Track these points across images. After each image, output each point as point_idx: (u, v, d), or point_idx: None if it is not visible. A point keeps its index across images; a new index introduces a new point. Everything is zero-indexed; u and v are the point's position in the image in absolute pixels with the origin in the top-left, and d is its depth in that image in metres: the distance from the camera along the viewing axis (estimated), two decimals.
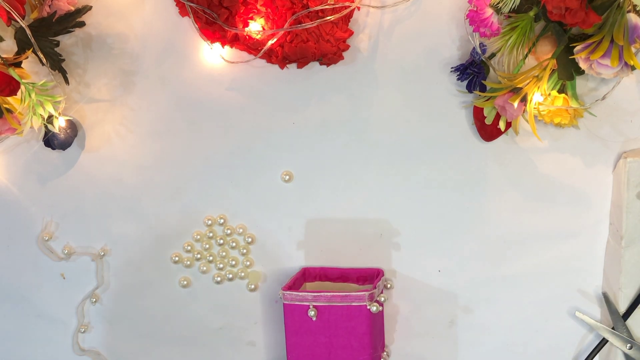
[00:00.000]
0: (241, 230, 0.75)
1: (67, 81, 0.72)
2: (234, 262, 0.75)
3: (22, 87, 0.66)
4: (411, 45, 0.71)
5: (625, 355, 0.68)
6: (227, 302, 0.76)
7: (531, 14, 0.64)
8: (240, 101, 0.73)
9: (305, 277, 0.74)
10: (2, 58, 0.66)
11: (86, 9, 0.71)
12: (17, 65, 0.67)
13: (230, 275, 0.75)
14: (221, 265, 0.76)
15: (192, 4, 0.69)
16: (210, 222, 0.75)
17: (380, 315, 0.71)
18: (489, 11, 0.62)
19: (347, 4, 0.67)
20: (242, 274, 0.75)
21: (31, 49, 0.67)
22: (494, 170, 0.72)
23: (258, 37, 0.68)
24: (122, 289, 0.77)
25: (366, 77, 0.72)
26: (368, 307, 0.66)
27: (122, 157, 0.75)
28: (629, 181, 0.66)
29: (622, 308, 0.68)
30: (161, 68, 0.73)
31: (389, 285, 0.73)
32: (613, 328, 0.68)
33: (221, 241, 0.75)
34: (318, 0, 0.67)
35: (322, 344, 0.68)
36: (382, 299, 0.68)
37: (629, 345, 0.68)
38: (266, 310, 0.76)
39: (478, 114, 0.69)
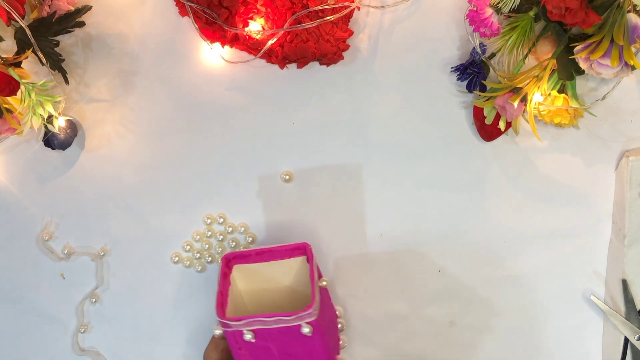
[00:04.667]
0: (243, 228, 0.75)
1: (67, 81, 0.72)
2: None
3: (22, 87, 0.66)
4: (411, 45, 0.71)
5: (632, 345, 0.68)
6: None
7: (531, 14, 0.64)
8: (240, 101, 0.73)
9: (228, 266, 0.67)
10: (2, 58, 0.66)
11: (86, 9, 0.71)
12: (17, 65, 0.67)
13: None
14: None
15: (192, 4, 0.69)
16: (209, 220, 0.75)
17: (331, 319, 0.68)
18: (489, 11, 0.62)
19: (347, 4, 0.67)
20: None
21: (31, 49, 0.67)
22: (494, 170, 0.72)
23: (258, 37, 0.68)
24: (122, 289, 0.77)
25: (366, 77, 0.72)
26: (302, 330, 0.60)
27: (122, 157, 0.75)
28: (632, 180, 0.66)
29: (624, 308, 0.68)
30: (161, 68, 0.73)
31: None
32: (625, 317, 0.69)
33: (221, 237, 0.75)
34: (318, 0, 0.67)
35: (274, 356, 0.63)
36: (324, 282, 0.64)
37: (637, 335, 0.68)
38: None
39: (478, 114, 0.69)
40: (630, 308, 0.68)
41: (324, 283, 0.65)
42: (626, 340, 0.69)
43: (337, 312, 0.72)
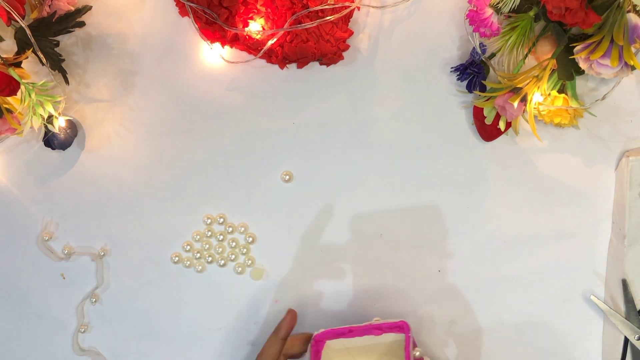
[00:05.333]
0: (243, 228, 0.75)
1: (67, 81, 0.72)
2: (233, 257, 0.75)
3: (22, 87, 0.66)
4: (411, 45, 0.71)
5: (632, 345, 0.68)
6: (227, 302, 0.76)
7: (531, 14, 0.64)
8: (240, 101, 0.73)
9: (319, 344, 0.67)
10: (2, 58, 0.66)
11: (86, 9, 0.71)
12: (17, 65, 0.67)
13: (240, 269, 0.75)
14: (222, 262, 0.76)
15: (192, 4, 0.69)
16: (209, 220, 0.75)
17: None
18: (489, 11, 0.62)
19: (347, 4, 0.67)
20: (247, 271, 0.76)
21: (31, 49, 0.67)
22: (494, 171, 0.72)
23: (258, 37, 0.68)
24: (122, 289, 0.77)
25: (366, 77, 0.72)
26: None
27: (122, 157, 0.75)
28: (632, 180, 0.66)
29: (624, 308, 0.68)
30: (161, 68, 0.73)
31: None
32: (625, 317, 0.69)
33: (221, 237, 0.75)
34: (318, 0, 0.67)
35: None
36: (417, 353, 0.63)
37: (637, 335, 0.68)
38: (266, 310, 0.76)
39: (478, 114, 0.69)
40: (630, 308, 0.68)
41: (417, 354, 0.64)
42: (626, 340, 0.69)
43: None
